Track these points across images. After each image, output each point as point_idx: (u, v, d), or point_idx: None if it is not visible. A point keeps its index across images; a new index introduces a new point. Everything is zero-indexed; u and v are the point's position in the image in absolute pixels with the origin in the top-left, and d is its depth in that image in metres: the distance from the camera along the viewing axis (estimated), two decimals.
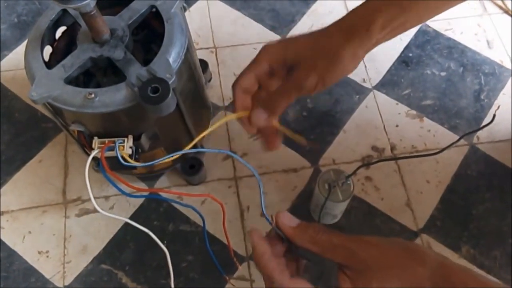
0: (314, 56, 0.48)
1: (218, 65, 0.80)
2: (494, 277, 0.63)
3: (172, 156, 0.51)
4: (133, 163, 0.52)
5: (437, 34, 0.82)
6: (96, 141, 0.53)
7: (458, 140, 0.61)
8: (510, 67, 0.79)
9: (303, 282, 0.42)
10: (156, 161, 0.50)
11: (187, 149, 0.51)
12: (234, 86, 0.51)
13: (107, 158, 0.51)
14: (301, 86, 0.48)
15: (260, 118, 0.50)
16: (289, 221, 0.45)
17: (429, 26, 0.83)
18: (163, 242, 0.54)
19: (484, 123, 0.74)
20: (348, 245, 0.41)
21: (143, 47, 0.58)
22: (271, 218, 0.48)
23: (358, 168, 0.58)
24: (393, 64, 0.79)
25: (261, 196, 0.50)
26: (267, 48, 0.50)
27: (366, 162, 0.70)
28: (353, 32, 0.47)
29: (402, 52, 0.80)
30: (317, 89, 0.48)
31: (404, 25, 0.49)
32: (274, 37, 0.82)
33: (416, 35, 0.82)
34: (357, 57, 0.48)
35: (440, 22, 0.83)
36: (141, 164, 0.52)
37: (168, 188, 0.69)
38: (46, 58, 0.55)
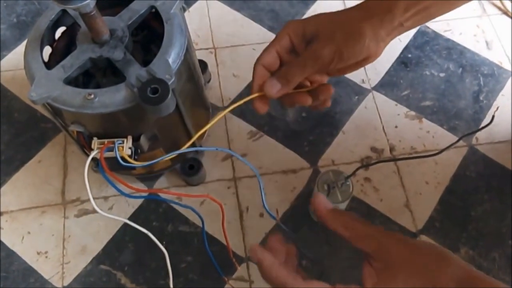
0: (332, 28, 0.47)
1: (217, 65, 0.80)
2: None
3: (171, 155, 0.51)
4: (133, 162, 0.52)
5: (436, 35, 0.82)
6: (95, 142, 0.53)
7: (457, 141, 0.61)
8: (509, 68, 0.79)
9: (318, 283, 0.42)
10: (155, 161, 0.50)
11: (185, 147, 0.51)
12: (255, 63, 0.51)
13: (107, 158, 0.51)
14: (317, 56, 0.47)
15: (273, 89, 0.49)
16: (325, 203, 0.46)
17: (428, 27, 0.83)
18: (162, 243, 0.55)
19: (483, 124, 0.74)
20: (381, 238, 0.42)
21: (143, 48, 0.58)
22: (276, 212, 0.48)
23: (357, 169, 0.59)
24: (392, 65, 0.79)
25: (262, 193, 0.50)
26: (288, 23, 0.50)
27: (365, 163, 0.71)
28: (373, 11, 0.47)
29: (401, 53, 0.80)
30: (334, 63, 0.48)
31: (428, 10, 0.49)
32: (273, 37, 0.81)
33: (415, 36, 0.82)
34: (379, 38, 0.48)
35: (439, 23, 0.83)
36: (140, 164, 0.52)
37: (167, 188, 0.69)
38: (46, 58, 0.55)
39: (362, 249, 0.42)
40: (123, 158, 0.52)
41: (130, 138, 0.54)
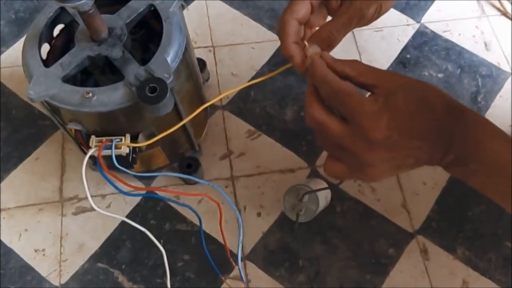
0: None
1: (216, 64, 0.80)
2: (489, 280, 0.63)
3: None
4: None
5: (435, 36, 0.82)
6: (93, 140, 0.53)
7: None
8: (507, 70, 0.79)
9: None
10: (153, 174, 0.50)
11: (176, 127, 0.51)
12: (283, 17, 0.47)
13: (104, 156, 0.51)
14: (362, 15, 0.46)
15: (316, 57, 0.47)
16: (326, 57, 0.46)
17: (427, 28, 0.83)
18: (159, 241, 0.55)
19: None
20: (384, 72, 0.44)
21: (141, 46, 0.58)
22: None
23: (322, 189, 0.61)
24: (391, 65, 0.79)
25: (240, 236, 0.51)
26: None
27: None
28: None
29: (400, 53, 0.80)
30: (372, 20, 0.48)
31: None
32: (272, 36, 0.82)
33: (414, 36, 0.82)
34: None
35: (438, 24, 0.83)
36: (135, 173, 0.52)
37: (165, 187, 0.69)
38: (44, 56, 0.55)
39: (365, 83, 0.44)
40: (120, 159, 0.51)
41: (128, 137, 0.54)
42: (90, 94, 0.50)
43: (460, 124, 0.42)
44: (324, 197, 0.64)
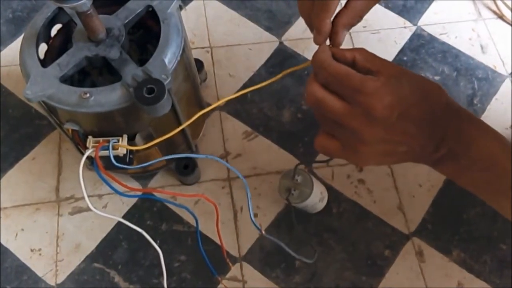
0: None
1: (213, 64, 0.80)
2: (484, 282, 0.64)
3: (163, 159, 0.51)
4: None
5: (432, 38, 0.83)
6: (90, 140, 0.53)
7: None
8: (503, 72, 0.80)
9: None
10: (149, 163, 0.50)
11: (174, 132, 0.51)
12: (323, 18, 0.47)
13: (101, 157, 0.51)
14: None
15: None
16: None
17: (424, 30, 0.83)
18: (156, 242, 0.55)
19: None
20: (389, 61, 0.45)
21: (139, 47, 0.58)
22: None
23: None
24: None
25: (249, 205, 0.51)
26: None
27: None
28: None
29: (397, 55, 0.81)
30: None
31: None
32: (270, 37, 0.82)
33: (411, 39, 0.82)
34: None
35: (435, 26, 0.84)
36: (134, 166, 0.52)
37: (162, 187, 0.70)
38: (41, 55, 0.55)
39: (370, 68, 0.44)
40: (117, 159, 0.51)
41: (125, 137, 0.54)
42: (88, 95, 0.50)
43: (455, 120, 0.43)
44: (319, 191, 0.63)
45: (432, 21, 0.84)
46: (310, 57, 0.78)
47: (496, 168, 0.43)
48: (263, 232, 0.54)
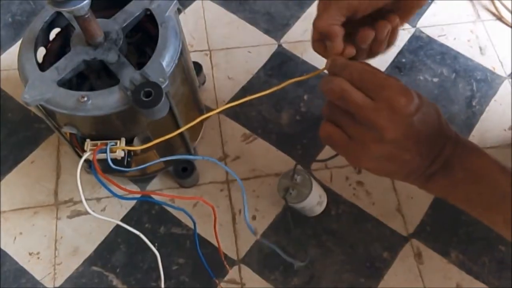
0: None
1: (212, 67, 0.80)
2: (482, 283, 0.64)
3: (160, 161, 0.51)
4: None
5: (431, 40, 0.83)
6: (88, 143, 0.53)
7: None
8: (502, 74, 0.80)
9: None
10: (146, 165, 0.50)
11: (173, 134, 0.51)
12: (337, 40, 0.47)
13: (99, 160, 0.51)
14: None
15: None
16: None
17: (423, 32, 0.83)
18: (154, 245, 0.55)
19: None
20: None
21: (137, 50, 0.58)
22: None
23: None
24: (387, 69, 0.79)
25: (245, 207, 0.51)
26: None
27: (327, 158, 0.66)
28: None
29: (396, 57, 0.81)
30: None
31: None
32: (268, 40, 0.82)
33: (409, 41, 0.82)
34: None
35: (433, 28, 0.84)
36: (131, 169, 0.52)
37: (160, 190, 0.70)
38: (40, 59, 0.55)
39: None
40: (115, 162, 0.51)
41: (123, 140, 0.54)
42: (85, 98, 0.50)
43: (452, 136, 0.45)
44: (318, 194, 0.63)
45: (430, 22, 0.84)
46: (308, 60, 0.80)
47: (489, 180, 0.43)
48: (258, 236, 0.54)
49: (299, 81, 0.51)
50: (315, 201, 0.63)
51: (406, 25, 0.84)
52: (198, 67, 0.74)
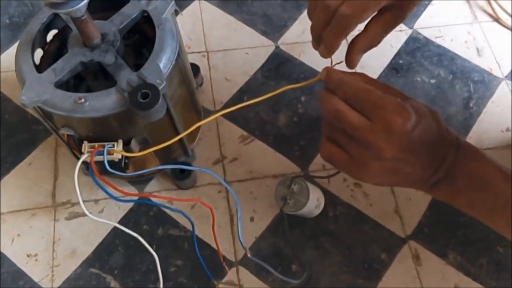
0: None
1: (209, 69, 0.80)
2: (480, 285, 0.64)
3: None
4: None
5: (428, 41, 0.83)
6: (85, 145, 0.53)
7: None
8: (499, 75, 0.80)
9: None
10: (143, 171, 0.50)
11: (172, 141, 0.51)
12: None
13: (97, 162, 0.51)
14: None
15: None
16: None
17: (420, 33, 0.83)
18: (152, 247, 0.55)
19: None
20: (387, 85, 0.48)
21: (134, 52, 0.58)
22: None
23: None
24: (383, 71, 0.80)
25: (238, 223, 0.52)
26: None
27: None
28: None
29: (393, 59, 0.81)
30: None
31: None
32: (266, 42, 0.82)
33: (406, 42, 0.82)
34: None
35: (430, 30, 0.84)
36: (127, 174, 0.52)
37: (158, 192, 0.70)
38: (37, 61, 0.55)
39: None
40: (112, 164, 0.51)
41: (120, 142, 0.54)
42: (83, 100, 0.50)
43: (454, 144, 0.45)
44: (315, 199, 0.63)
45: (427, 24, 0.85)
46: (306, 61, 0.80)
47: (491, 186, 0.44)
48: (249, 253, 0.55)
49: (300, 86, 0.52)
50: (312, 206, 0.63)
51: (403, 27, 0.84)
52: (195, 68, 0.74)
